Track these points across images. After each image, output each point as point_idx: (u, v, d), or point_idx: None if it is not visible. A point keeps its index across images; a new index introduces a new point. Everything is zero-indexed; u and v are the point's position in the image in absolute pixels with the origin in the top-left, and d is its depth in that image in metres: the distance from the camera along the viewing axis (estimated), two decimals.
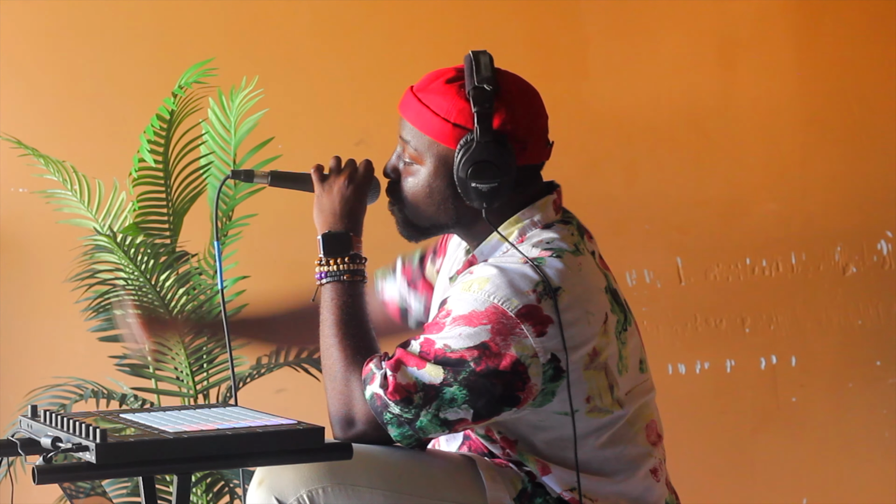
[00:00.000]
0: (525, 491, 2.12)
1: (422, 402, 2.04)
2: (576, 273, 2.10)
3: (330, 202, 2.20)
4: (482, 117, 2.08)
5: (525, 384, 2.04)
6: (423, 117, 2.14)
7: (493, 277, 2.05)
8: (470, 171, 2.09)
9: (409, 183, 2.18)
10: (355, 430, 2.09)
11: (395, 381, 2.04)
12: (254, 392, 3.24)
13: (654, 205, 3.81)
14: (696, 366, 3.81)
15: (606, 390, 2.12)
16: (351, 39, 3.75)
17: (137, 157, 3.08)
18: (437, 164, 2.14)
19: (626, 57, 3.82)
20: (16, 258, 3.65)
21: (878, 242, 3.84)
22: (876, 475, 3.82)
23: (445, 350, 2.03)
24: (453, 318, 2.05)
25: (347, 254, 2.17)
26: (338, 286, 2.16)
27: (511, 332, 2.02)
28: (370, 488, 2.05)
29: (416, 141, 2.15)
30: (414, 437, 2.07)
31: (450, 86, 2.14)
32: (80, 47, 3.67)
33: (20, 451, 1.90)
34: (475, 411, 2.04)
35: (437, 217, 2.18)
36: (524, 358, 2.03)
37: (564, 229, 2.17)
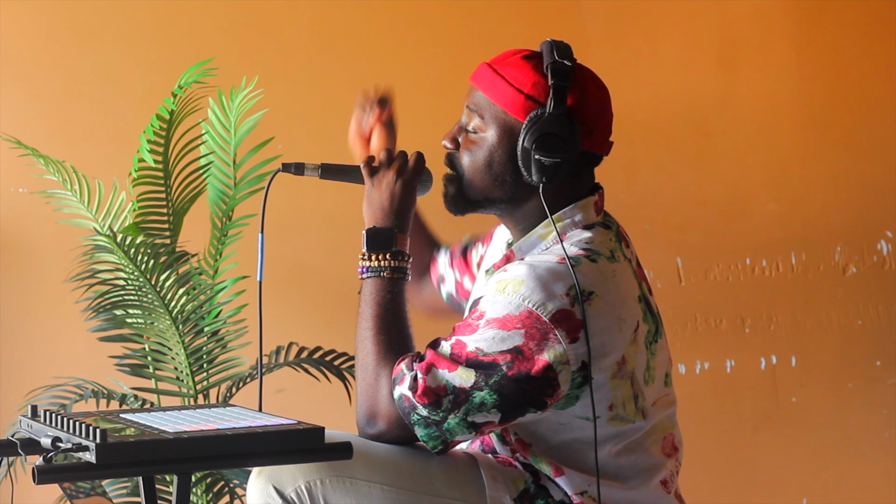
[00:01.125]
0: (527, 491, 2.12)
1: (451, 406, 2.03)
2: (610, 279, 2.10)
3: (378, 197, 2.20)
4: (558, 91, 2.10)
5: (555, 390, 2.04)
6: (495, 86, 2.14)
7: (528, 280, 2.04)
8: (535, 142, 2.09)
9: (470, 153, 2.18)
10: (377, 427, 2.09)
11: (425, 384, 2.03)
12: (254, 392, 3.24)
13: (654, 205, 3.81)
14: (696, 366, 3.81)
15: (630, 400, 2.12)
16: (351, 39, 3.75)
17: (137, 157, 3.08)
18: (501, 135, 2.14)
19: (626, 57, 3.82)
20: (16, 258, 3.65)
21: (878, 242, 3.84)
22: (876, 475, 3.82)
23: (478, 353, 2.03)
24: (487, 320, 2.05)
25: (390, 250, 2.16)
26: (378, 281, 2.15)
27: (545, 338, 2.02)
28: (368, 482, 2.06)
29: (485, 110, 2.15)
30: (440, 438, 2.06)
31: (527, 61, 2.15)
32: (80, 47, 3.67)
33: (20, 451, 1.90)
34: (503, 415, 2.04)
35: (491, 190, 2.17)
36: (556, 364, 2.02)
37: (603, 234, 2.17)
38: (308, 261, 3.69)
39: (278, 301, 3.54)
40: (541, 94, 2.11)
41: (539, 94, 2.12)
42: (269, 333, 3.33)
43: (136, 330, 3.08)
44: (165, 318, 3.04)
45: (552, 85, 2.10)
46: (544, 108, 2.11)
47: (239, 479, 3.09)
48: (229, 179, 3.15)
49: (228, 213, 3.16)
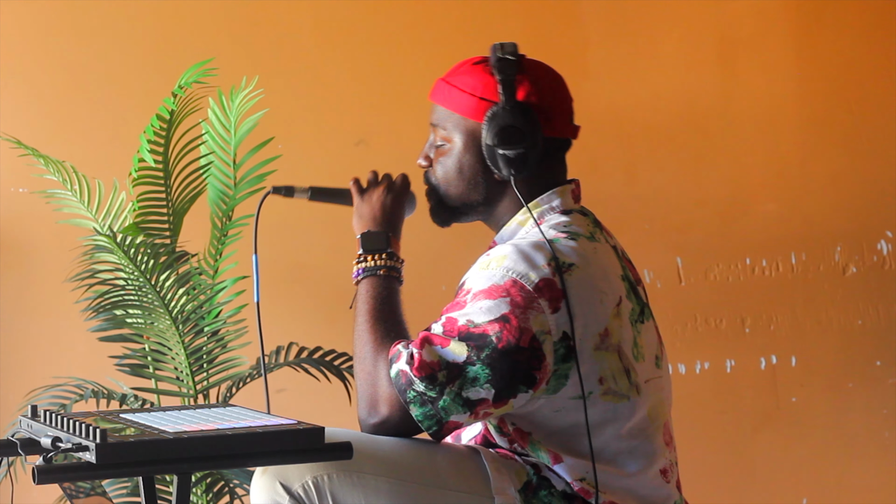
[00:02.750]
0: (530, 483, 2.13)
1: (445, 381, 2.05)
2: (590, 254, 2.15)
3: (370, 209, 2.29)
4: (506, 85, 2.17)
5: (541, 363, 2.06)
6: (451, 97, 2.23)
7: (510, 254, 2.10)
8: (497, 138, 2.16)
9: (441, 164, 2.25)
10: (380, 415, 2.11)
11: (421, 357, 2.06)
12: (254, 392, 3.24)
13: (654, 205, 3.82)
14: (696, 366, 3.81)
15: (622, 373, 2.13)
16: (351, 39, 3.75)
17: (137, 157, 3.08)
18: (466, 140, 2.22)
19: (626, 57, 3.82)
20: (16, 258, 3.64)
21: (878, 242, 3.84)
22: (876, 475, 3.82)
23: (469, 326, 2.06)
24: (473, 294, 2.09)
25: (385, 251, 2.24)
26: (373, 280, 2.22)
27: (529, 306, 2.06)
28: (375, 476, 2.06)
29: (446, 121, 2.24)
30: (435, 417, 2.07)
31: (476, 66, 2.24)
32: (80, 47, 3.67)
33: (20, 451, 1.90)
34: (496, 391, 2.06)
35: (467, 194, 2.24)
36: (539, 334, 2.06)
37: (581, 219, 2.22)
38: (308, 261, 3.69)
39: (278, 301, 3.54)
40: (493, 94, 2.20)
41: (492, 93, 2.20)
42: (269, 333, 3.33)
43: (136, 330, 3.08)
44: (165, 318, 3.04)
45: (499, 81, 2.18)
46: (499, 105, 2.18)
47: (239, 479, 3.09)
48: (229, 179, 3.15)
49: (228, 213, 3.16)
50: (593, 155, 3.81)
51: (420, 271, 2.61)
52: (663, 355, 2.28)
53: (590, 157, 3.81)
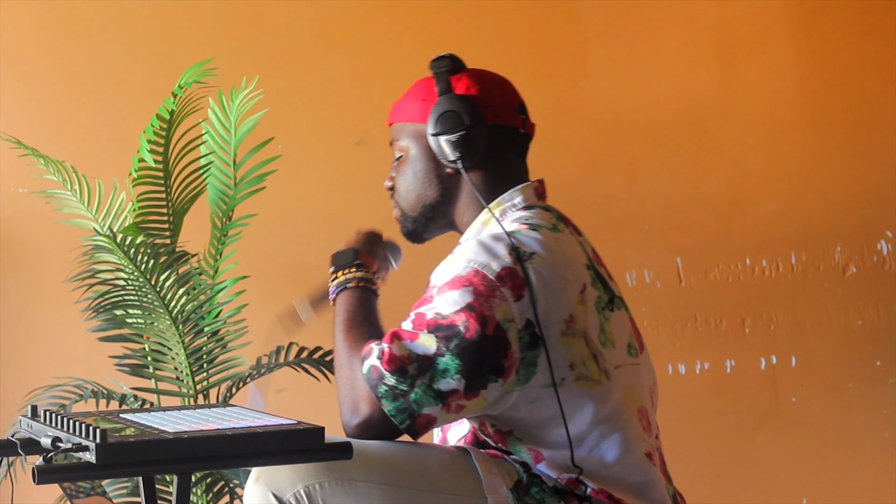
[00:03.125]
0: (521, 481, 2.13)
1: (416, 373, 2.07)
2: (552, 243, 2.17)
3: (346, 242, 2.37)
4: (440, 77, 2.24)
5: (507, 350, 2.08)
6: (399, 110, 2.30)
7: (472, 247, 2.13)
8: (437, 125, 2.22)
9: (399, 174, 2.31)
10: (361, 415, 2.12)
11: (391, 351, 2.09)
12: None
13: (654, 205, 3.82)
14: (696, 366, 3.81)
15: (590, 358, 2.14)
16: (351, 39, 3.75)
17: (137, 157, 3.08)
18: (416, 142, 2.28)
19: (626, 57, 3.82)
20: (16, 258, 3.64)
21: (878, 242, 3.84)
22: (876, 475, 3.82)
23: (437, 318, 2.09)
24: (439, 288, 2.12)
25: (353, 264, 2.29)
26: (346, 293, 2.26)
27: (492, 295, 2.08)
28: (367, 482, 2.06)
29: (399, 132, 2.30)
30: (408, 410, 2.08)
31: (421, 80, 2.30)
32: (80, 47, 3.67)
33: (20, 451, 1.90)
34: (466, 381, 2.07)
35: (424, 194, 2.28)
36: (503, 322, 2.08)
37: (544, 213, 2.25)
38: (308, 261, 3.68)
39: (278, 301, 3.54)
40: (433, 95, 2.26)
41: (431, 95, 2.26)
42: (270, 333, 3.33)
43: (136, 330, 3.07)
44: (165, 318, 3.04)
45: (434, 75, 2.25)
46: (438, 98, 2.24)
47: (239, 479, 3.09)
48: (229, 179, 3.15)
49: (228, 213, 3.16)
50: (593, 155, 3.81)
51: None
52: (640, 345, 2.29)
53: (590, 157, 3.81)
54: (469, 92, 2.23)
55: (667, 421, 3.83)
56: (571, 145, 3.79)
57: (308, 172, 3.65)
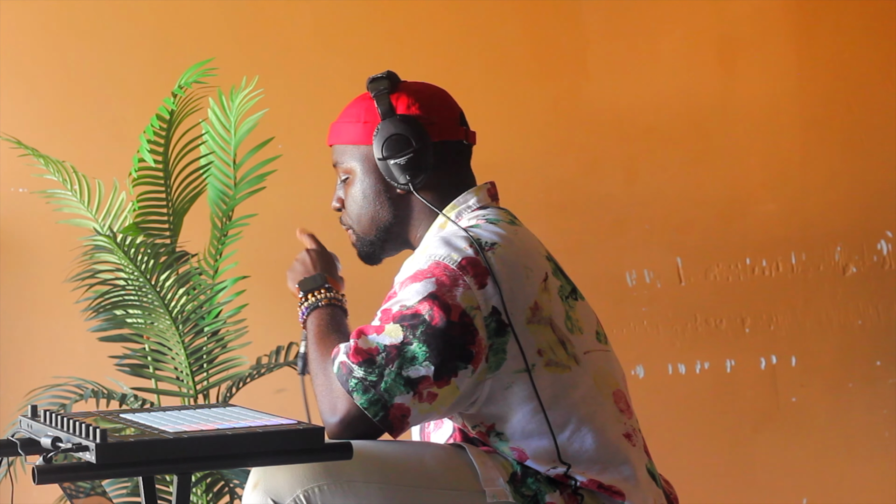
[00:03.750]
0: (515, 474, 2.14)
1: (384, 362, 2.09)
2: (512, 234, 2.20)
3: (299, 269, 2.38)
4: (379, 99, 2.26)
5: (474, 337, 2.10)
6: (340, 132, 2.33)
7: (431, 244, 2.17)
8: (384, 149, 2.24)
9: (350, 196, 2.33)
10: (339, 412, 2.12)
11: (356, 345, 2.11)
12: (254, 392, 3.24)
13: (654, 205, 3.82)
14: (696, 366, 3.81)
15: (558, 344, 2.16)
16: (351, 39, 3.75)
17: (137, 157, 3.08)
18: (363, 164, 2.30)
19: (626, 57, 3.82)
20: (16, 258, 3.65)
21: (878, 242, 3.84)
22: (876, 475, 3.82)
23: (402, 309, 2.11)
24: (401, 283, 2.15)
25: (322, 286, 2.31)
26: (317, 313, 2.28)
27: (455, 284, 2.11)
28: (366, 483, 2.06)
29: (342, 155, 2.33)
30: (380, 401, 2.09)
31: (357, 99, 2.33)
32: (80, 47, 3.67)
33: (20, 451, 1.90)
34: (435, 367, 2.09)
35: (377, 216, 2.30)
36: (469, 309, 2.10)
37: (500, 211, 2.28)
38: None
39: (279, 301, 3.54)
40: (375, 115, 2.27)
41: (373, 115, 2.28)
42: (270, 333, 3.33)
43: (136, 330, 3.08)
44: (165, 318, 3.04)
45: (374, 96, 2.27)
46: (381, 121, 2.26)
47: (239, 479, 3.09)
48: (229, 179, 3.15)
49: (228, 213, 3.16)
50: (593, 155, 3.81)
51: None
52: (602, 330, 2.30)
53: (590, 157, 3.81)
54: (410, 111, 2.25)
55: (667, 421, 3.85)
56: (571, 145, 3.79)
57: (308, 172, 3.65)
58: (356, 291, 2.48)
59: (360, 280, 2.52)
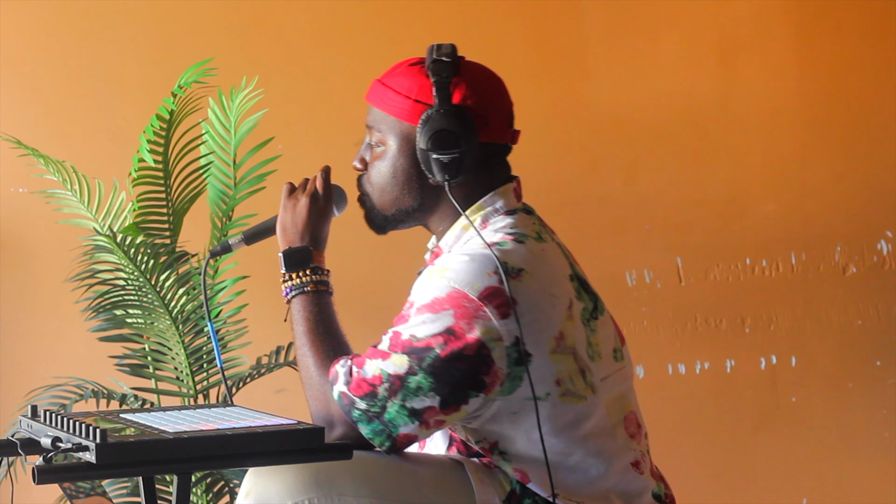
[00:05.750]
0: (514, 492, 2.11)
1: (387, 394, 2.04)
2: (539, 257, 2.12)
3: (291, 220, 2.27)
4: (440, 87, 2.13)
5: (490, 368, 2.04)
6: (386, 99, 2.20)
7: (454, 265, 2.07)
8: (431, 141, 2.12)
9: (375, 167, 2.22)
10: (336, 432, 2.10)
11: (359, 376, 2.05)
12: (254, 392, 3.24)
13: (654, 205, 3.82)
14: (696, 366, 3.81)
15: (578, 374, 2.10)
16: (351, 39, 3.75)
17: (137, 157, 3.08)
18: (400, 143, 2.18)
19: (626, 57, 3.82)
20: (16, 258, 3.65)
21: (878, 242, 3.84)
22: (876, 475, 3.82)
23: (412, 340, 2.04)
24: (417, 308, 2.06)
25: (308, 266, 2.22)
26: (303, 298, 2.21)
27: (475, 315, 2.03)
28: (357, 497, 2.04)
29: (381, 123, 2.21)
30: (385, 432, 2.06)
31: (412, 67, 2.20)
32: (80, 47, 3.67)
33: (20, 451, 1.90)
34: (442, 398, 2.04)
35: (401, 199, 2.20)
36: (488, 341, 2.03)
37: (526, 218, 2.19)
38: None
39: (279, 301, 3.54)
40: (428, 96, 2.15)
41: (427, 96, 2.15)
42: (270, 333, 3.33)
43: (136, 330, 3.08)
44: (165, 318, 3.04)
45: (434, 83, 2.14)
46: (433, 108, 2.14)
47: (239, 479, 3.09)
48: (229, 179, 3.15)
49: (228, 213, 3.16)
50: (593, 155, 3.81)
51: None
52: (623, 346, 2.25)
53: (590, 157, 3.81)
54: (465, 103, 2.13)
55: (667, 421, 3.84)
56: (571, 145, 3.79)
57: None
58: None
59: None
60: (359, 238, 2.48)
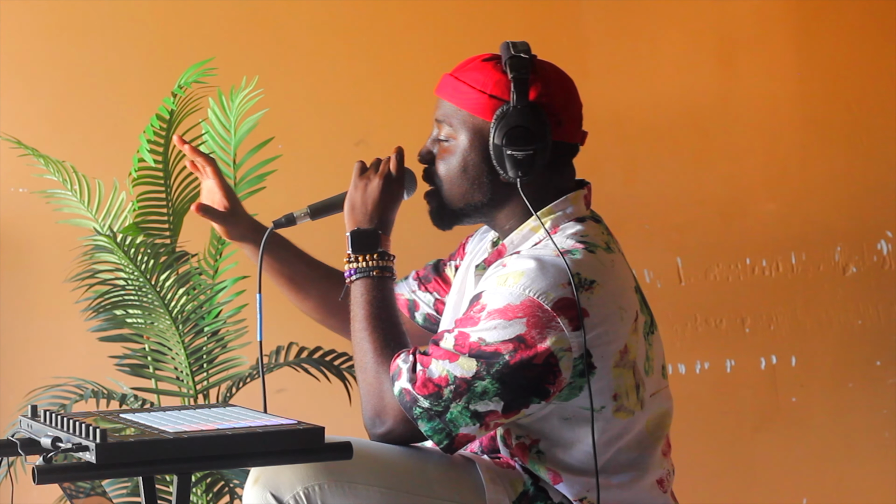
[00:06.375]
0: (526, 493, 2.11)
1: (452, 396, 2.04)
2: (609, 269, 2.11)
3: (361, 199, 2.24)
4: (519, 83, 2.11)
5: (556, 377, 2.04)
6: (459, 93, 2.17)
7: (529, 271, 2.05)
8: (505, 138, 2.11)
9: (445, 162, 2.20)
10: (385, 426, 2.09)
11: (425, 375, 2.04)
12: (254, 392, 3.23)
13: (654, 205, 3.81)
14: (696, 366, 3.81)
15: (633, 389, 2.12)
16: (351, 39, 3.75)
17: (137, 157, 3.08)
18: (472, 138, 2.16)
19: (626, 57, 3.82)
20: (16, 258, 3.64)
21: (878, 242, 3.84)
22: (876, 475, 3.82)
23: (480, 343, 2.03)
24: (488, 312, 2.05)
25: (376, 251, 2.19)
26: (367, 282, 2.18)
27: (547, 325, 2.02)
28: (367, 485, 2.05)
29: (453, 117, 2.18)
30: (445, 430, 2.05)
31: (486, 63, 2.18)
32: (80, 47, 3.67)
33: (20, 451, 1.90)
34: (506, 403, 2.04)
35: (471, 195, 2.18)
36: (557, 351, 2.03)
37: (595, 227, 2.19)
38: None
39: (278, 301, 3.54)
40: (504, 92, 2.14)
41: (502, 91, 2.14)
42: (269, 333, 3.33)
43: (136, 330, 3.07)
44: (165, 318, 3.04)
45: (512, 79, 2.12)
46: (509, 104, 2.12)
47: (239, 479, 3.09)
48: (229, 179, 3.15)
49: None
50: (593, 155, 3.79)
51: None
52: (665, 363, 2.27)
53: (590, 157, 3.79)
54: (541, 101, 2.12)
55: None
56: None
57: (308, 172, 3.65)
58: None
59: None
60: None
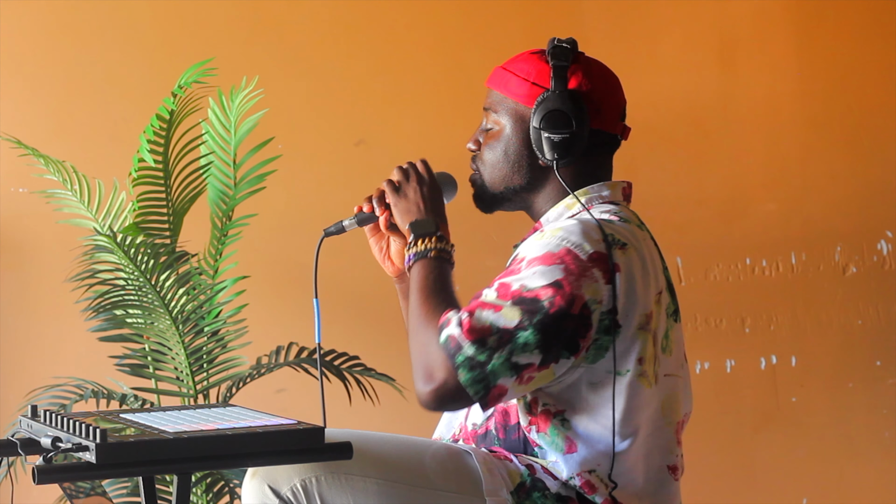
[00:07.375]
0: (523, 485, 2.13)
1: (496, 345, 2.07)
2: (641, 241, 2.19)
3: (410, 204, 2.30)
4: (558, 70, 2.22)
5: (587, 331, 2.09)
6: (505, 81, 2.27)
7: (565, 227, 2.14)
8: (543, 121, 2.20)
9: (489, 147, 2.28)
10: (436, 380, 2.09)
11: (471, 322, 2.07)
12: (254, 392, 3.24)
13: (654, 205, 3.81)
14: (696, 366, 3.81)
15: (653, 359, 2.15)
16: (351, 39, 3.75)
17: (137, 157, 3.08)
18: (514, 123, 2.26)
19: (626, 57, 3.82)
20: (16, 258, 3.65)
21: (878, 242, 3.84)
22: (876, 475, 3.82)
23: (522, 290, 2.08)
24: (528, 261, 2.12)
25: (435, 234, 2.25)
26: (425, 262, 2.22)
27: (583, 274, 2.09)
28: (364, 477, 2.07)
29: (498, 105, 2.28)
30: (483, 381, 2.07)
31: (533, 55, 2.28)
32: (80, 47, 3.67)
33: (20, 451, 1.90)
34: (543, 356, 2.07)
35: (511, 177, 2.27)
36: (591, 302, 2.08)
37: (630, 212, 2.26)
38: (308, 261, 3.67)
39: (278, 301, 3.54)
40: (546, 80, 2.24)
41: (544, 80, 2.24)
42: (270, 333, 3.33)
43: (136, 330, 3.08)
44: (165, 318, 3.04)
45: (553, 66, 2.23)
46: (550, 91, 2.22)
47: (239, 479, 3.09)
48: (229, 179, 3.15)
49: (228, 213, 3.16)
50: None
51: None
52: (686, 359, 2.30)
53: None
54: (580, 89, 2.22)
55: None
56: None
57: (308, 172, 3.65)
58: None
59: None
60: None
